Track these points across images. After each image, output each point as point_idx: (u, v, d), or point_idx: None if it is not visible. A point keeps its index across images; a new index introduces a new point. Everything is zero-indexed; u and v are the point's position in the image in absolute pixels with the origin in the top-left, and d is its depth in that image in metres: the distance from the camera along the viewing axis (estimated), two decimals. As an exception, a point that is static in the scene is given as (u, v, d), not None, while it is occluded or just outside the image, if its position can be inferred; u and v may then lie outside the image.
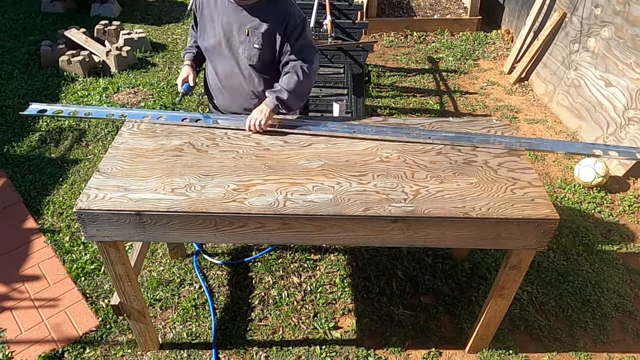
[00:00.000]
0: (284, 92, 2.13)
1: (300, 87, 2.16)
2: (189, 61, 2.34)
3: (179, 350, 2.39)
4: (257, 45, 2.13)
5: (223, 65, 2.26)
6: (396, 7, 5.85)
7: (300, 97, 2.21)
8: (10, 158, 3.59)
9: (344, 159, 2.00)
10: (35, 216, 3.11)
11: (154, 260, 2.85)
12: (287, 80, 2.15)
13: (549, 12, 4.46)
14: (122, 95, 4.36)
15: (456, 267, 2.80)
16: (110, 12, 5.94)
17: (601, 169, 3.34)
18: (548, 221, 1.74)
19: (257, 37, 2.12)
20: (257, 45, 2.13)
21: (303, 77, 2.15)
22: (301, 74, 2.14)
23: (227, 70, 2.26)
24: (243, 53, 2.17)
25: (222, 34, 2.17)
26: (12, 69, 4.67)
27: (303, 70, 2.14)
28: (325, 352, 2.39)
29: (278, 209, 1.75)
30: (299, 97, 2.20)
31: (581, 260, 2.89)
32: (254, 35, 2.12)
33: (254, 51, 2.14)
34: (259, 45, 2.13)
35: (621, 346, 2.48)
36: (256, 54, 2.15)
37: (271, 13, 2.10)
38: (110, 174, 1.90)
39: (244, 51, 2.16)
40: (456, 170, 1.94)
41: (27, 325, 2.50)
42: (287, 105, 2.16)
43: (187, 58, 2.36)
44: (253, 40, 2.12)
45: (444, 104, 4.35)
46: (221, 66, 2.27)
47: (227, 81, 2.29)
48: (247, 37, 2.13)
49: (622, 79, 3.59)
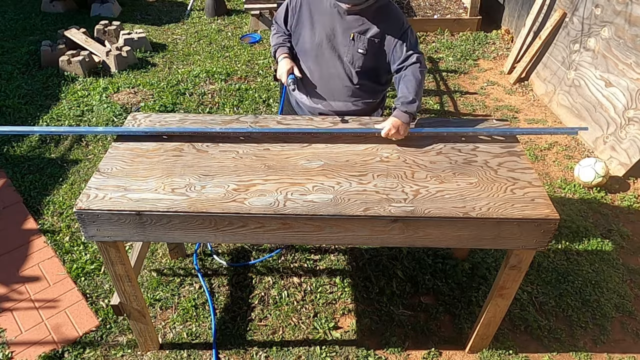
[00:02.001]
0: (411, 99, 2.06)
1: (421, 89, 2.14)
2: (286, 54, 2.28)
3: (179, 350, 2.39)
4: (362, 50, 2.13)
5: (319, 67, 2.25)
6: (396, 7, 5.85)
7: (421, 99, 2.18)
8: (10, 158, 3.59)
9: (344, 159, 2.00)
10: (35, 216, 3.11)
11: (154, 260, 2.85)
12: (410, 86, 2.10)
13: (549, 12, 4.46)
14: (122, 95, 4.36)
15: (456, 267, 2.81)
16: (110, 12, 5.94)
17: (601, 169, 3.34)
18: (548, 221, 1.74)
19: (362, 42, 2.11)
20: (362, 50, 2.13)
21: (422, 78, 2.14)
22: (419, 76, 2.12)
23: (323, 72, 2.25)
24: (345, 56, 2.17)
25: (325, 36, 2.16)
26: (12, 69, 4.67)
27: (421, 72, 2.14)
28: (325, 352, 2.39)
29: (278, 209, 1.75)
30: (420, 99, 2.17)
31: (581, 260, 2.89)
32: (360, 40, 2.11)
33: (358, 55, 2.14)
34: (363, 50, 2.13)
35: (621, 346, 2.48)
36: (360, 58, 2.14)
37: (382, 20, 2.09)
38: (110, 174, 1.90)
39: (346, 54, 2.16)
40: (456, 170, 1.94)
41: (27, 326, 2.50)
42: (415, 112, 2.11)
43: (282, 52, 2.29)
44: (358, 45, 2.12)
45: (444, 104, 4.35)
46: (317, 67, 2.26)
47: (322, 82, 2.28)
48: (352, 42, 2.12)
49: (622, 79, 3.59)
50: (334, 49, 2.18)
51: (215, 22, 5.98)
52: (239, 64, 4.98)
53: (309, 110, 2.41)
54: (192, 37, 5.59)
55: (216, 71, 4.78)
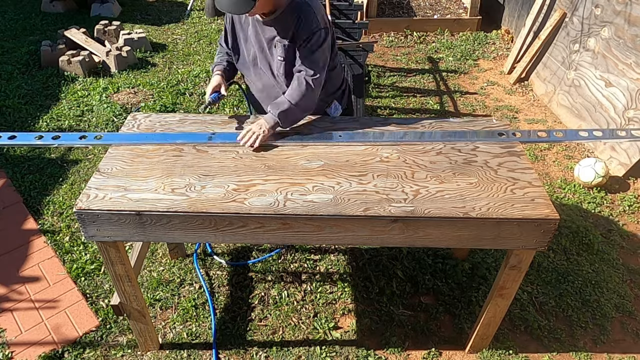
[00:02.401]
0: (285, 103, 2.07)
1: (304, 100, 2.09)
2: (220, 71, 2.30)
3: (179, 350, 2.39)
4: (280, 57, 2.13)
5: (259, 78, 2.29)
6: (396, 7, 5.86)
7: (304, 110, 2.15)
8: (10, 158, 3.59)
9: (344, 159, 2.00)
10: (35, 216, 3.11)
11: (154, 260, 2.85)
12: (291, 92, 2.09)
13: (549, 12, 4.46)
14: (122, 95, 4.36)
15: (456, 267, 2.80)
16: (110, 12, 5.94)
17: (601, 169, 3.34)
18: (548, 221, 1.74)
19: (279, 49, 2.12)
20: (280, 57, 2.13)
21: (306, 89, 2.07)
22: (304, 86, 2.07)
23: (264, 83, 2.29)
24: (273, 65, 2.19)
25: (257, 49, 2.19)
26: (12, 69, 4.67)
27: (307, 82, 2.07)
28: (325, 352, 2.39)
29: (278, 209, 1.75)
30: (303, 110, 2.14)
31: (581, 260, 2.89)
32: (277, 47, 2.13)
33: (279, 63, 2.15)
34: (281, 57, 2.13)
35: (621, 346, 2.48)
36: (281, 65, 2.15)
37: (293, 27, 2.08)
38: (110, 174, 1.90)
39: (272, 62, 2.19)
40: (456, 170, 1.94)
41: (27, 326, 2.50)
42: (288, 119, 2.10)
43: (216, 70, 2.31)
44: (277, 52, 2.14)
45: (444, 104, 4.35)
46: (256, 79, 2.30)
47: (264, 93, 2.33)
48: (274, 49, 2.15)
49: (622, 79, 3.59)
50: (265, 60, 2.21)
51: (215, 22, 5.98)
52: (239, 64, 4.98)
53: None
54: (192, 37, 5.59)
55: (216, 71, 4.78)
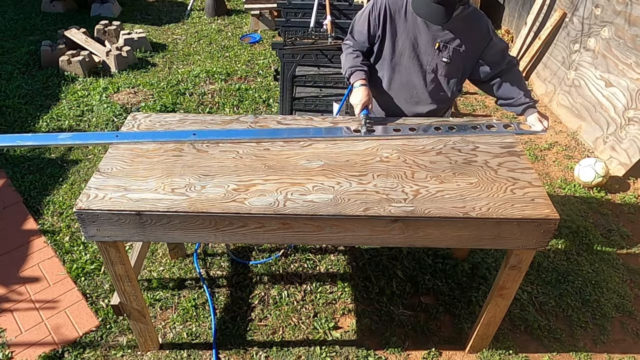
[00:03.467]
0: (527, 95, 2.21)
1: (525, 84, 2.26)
2: (363, 80, 2.19)
3: (179, 350, 2.38)
4: (446, 59, 2.15)
5: (399, 75, 2.24)
6: (396, 7, 5.84)
7: None
8: (10, 158, 3.59)
9: (344, 159, 2.00)
10: (35, 216, 3.11)
11: (154, 260, 2.85)
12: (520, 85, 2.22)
13: (549, 12, 4.46)
14: (122, 95, 4.36)
15: (456, 267, 2.80)
16: (110, 12, 5.94)
17: (601, 169, 3.34)
18: (548, 221, 1.74)
19: (447, 51, 2.13)
20: (446, 59, 2.15)
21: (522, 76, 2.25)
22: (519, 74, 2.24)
23: (403, 80, 2.25)
24: (428, 65, 2.18)
25: (408, 45, 2.16)
26: (12, 69, 4.68)
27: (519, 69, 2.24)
28: (325, 352, 2.39)
29: (278, 209, 1.75)
30: None
31: (581, 260, 2.89)
32: (445, 50, 2.13)
33: (442, 64, 2.16)
34: (447, 59, 2.15)
35: (621, 346, 2.48)
36: (444, 66, 2.17)
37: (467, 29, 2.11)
38: (110, 174, 1.89)
39: (429, 63, 2.18)
40: (456, 170, 1.94)
41: (27, 326, 2.50)
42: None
43: (359, 77, 2.19)
44: (443, 54, 2.14)
45: (444, 104, 4.35)
46: (396, 75, 2.25)
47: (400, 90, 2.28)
48: (437, 51, 2.14)
49: (622, 79, 3.59)
50: (416, 58, 2.19)
51: (215, 22, 5.99)
52: (239, 64, 4.98)
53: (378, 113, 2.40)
54: (192, 37, 5.59)
55: (216, 71, 4.78)
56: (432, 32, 2.12)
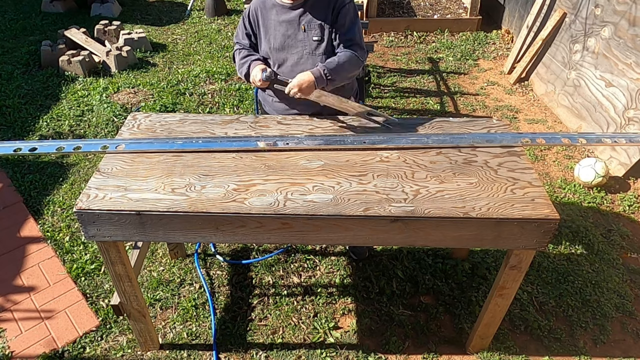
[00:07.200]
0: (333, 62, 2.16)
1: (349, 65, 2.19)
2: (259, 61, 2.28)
3: (179, 350, 2.39)
4: (317, 37, 2.20)
5: (285, 66, 2.28)
6: (396, 7, 5.85)
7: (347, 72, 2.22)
8: (11, 158, 3.59)
9: (344, 159, 2.00)
10: (35, 216, 3.11)
11: (154, 260, 2.85)
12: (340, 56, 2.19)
13: (549, 12, 4.46)
14: (122, 95, 4.36)
15: (456, 267, 2.80)
16: (110, 12, 5.94)
17: (601, 169, 3.34)
18: (548, 221, 1.74)
19: (314, 29, 2.19)
20: (317, 37, 2.20)
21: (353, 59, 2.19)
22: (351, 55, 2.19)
23: (290, 70, 2.27)
24: (305, 49, 2.23)
25: (284, 37, 2.22)
26: (12, 69, 4.68)
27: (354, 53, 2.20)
28: (325, 352, 2.39)
29: (278, 209, 1.75)
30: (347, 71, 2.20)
31: (581, 260, 2.89)
32: (310, 28, 2.19)
33: (314, 44, 2.21)
34: (318, 37, 2.20)
35: (621, 346, 2.48)
36: (317, 45, 2.21)
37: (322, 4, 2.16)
38: (110, 174, 1.90)
39: (305, 47, 2.22)
40: (456, 170, 1.94)
41: (27, 326, 2.50)
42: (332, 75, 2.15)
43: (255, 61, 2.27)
44: (311, 34, 2.20)
45: (444, 104, 4.35)
46: (284, 67, 2.29)
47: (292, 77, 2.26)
48: (305, 33, 2.20)
49: (622, 79, 3.59)
50: (295, 46, 2.24)
51: (215, 22, 5.98)
52: (239, 64, 4.97)
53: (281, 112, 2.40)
54: (192, 37, 5.59)
55: (216, 71, 4.78)
56: (295, 16, 2.19)
